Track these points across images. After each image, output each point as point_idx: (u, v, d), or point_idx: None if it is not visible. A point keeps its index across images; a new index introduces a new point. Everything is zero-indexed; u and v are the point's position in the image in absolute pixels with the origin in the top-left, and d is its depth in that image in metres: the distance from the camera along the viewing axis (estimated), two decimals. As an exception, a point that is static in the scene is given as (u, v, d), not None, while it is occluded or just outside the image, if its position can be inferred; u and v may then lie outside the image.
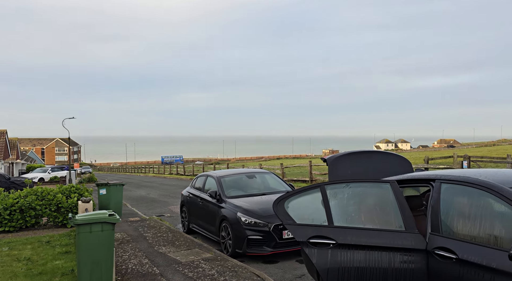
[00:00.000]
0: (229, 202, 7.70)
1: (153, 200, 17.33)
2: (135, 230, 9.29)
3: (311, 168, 19.39)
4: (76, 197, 9.86)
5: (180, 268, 6.16)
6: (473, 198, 3.06)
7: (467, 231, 2.99)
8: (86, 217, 4.75)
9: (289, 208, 3.73)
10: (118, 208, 11.40)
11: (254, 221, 6.93)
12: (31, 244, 7.81)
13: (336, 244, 3.44)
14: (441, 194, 3.31)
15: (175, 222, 11.04)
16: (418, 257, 3.22)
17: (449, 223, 3.16)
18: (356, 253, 3.37)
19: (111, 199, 11.26)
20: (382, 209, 3.65)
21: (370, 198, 3.77)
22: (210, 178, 8.98)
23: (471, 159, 14.67)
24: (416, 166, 14.90)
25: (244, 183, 8.74)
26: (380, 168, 4.97)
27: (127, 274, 5.90)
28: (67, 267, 6.16)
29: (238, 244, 6.99)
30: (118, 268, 6.19)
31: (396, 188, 3.57)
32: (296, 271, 6.16)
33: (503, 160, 13.39)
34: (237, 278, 5.54)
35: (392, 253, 3.29)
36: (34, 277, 5.74)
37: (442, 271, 3.03)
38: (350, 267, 3.36)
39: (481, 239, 2.87)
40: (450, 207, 3.23)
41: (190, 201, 9.40)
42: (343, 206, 3.70)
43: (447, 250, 3.03)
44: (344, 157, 5.02)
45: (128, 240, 8.23)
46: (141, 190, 22.71)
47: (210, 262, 6.38)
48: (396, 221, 3.44)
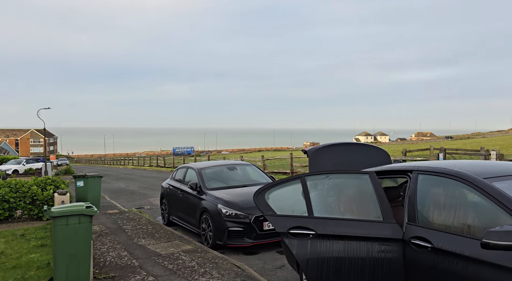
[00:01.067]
0: (210, 194, 7.67)
1: (132, 192, 17.11)
2: (113, 223, 9.14)
3: (292, 160, 19.51)
4: (52, 189, 9.62)
5: (159, 260, 6.11)
6: (448, 188, 3.13)
7: (442, 221, 3.06)
8: (62, 210, 4.63)
9: (270, 199, 3.73)
10: (96, 201, 11.20)
11: (235, 212, 6.93)
12: (5, 238, 7.58)
13: (315, 234, 3.47)
14: (418, 185, 3.38)
15: (155, 215, 10.93)
16: (395, 246, 3.28)
17: (425, 213, 3.23)
18: (335, 243, 3.41)
19: (89, 192, 11.04)
20: (361, 200, 3.70)
21: (349, 189, 3.82)
22: (190, 170, 8.91)
23: (446, 151, 15.07)
24: (394, 158, 15.21)
25: (225, 175, 8.71)
26: (359, 160, 5.04)
27: (105, 267, 5.81)
28: (43, 260, 6.01)
29: (218, 236, 6.98)
30: (96, 261, 6.09)
31: (374, 179, 3.61)
32: (277, 262, 6.21)
33: (476, 152, 13.81)
34: (217, 269, 5.54)
35: (370, 242, 3.34)
36: (8, 271, 5.58)
37: (418, 260, 3.10)
38: (329, 257, 3.40)
39: (456, 228, 2.94)
40: (426, 197, 3.30)
41: (170, 193, 9.31)
42: (323, 197, 3.73)
43: (423, 239, 3.10)
44: (324, 149, 5.06)
45: (107, 233, 8.10)
46: (120, 182, 22.38)
47: (190, 254, 6.36)
48: (374, 211, 3.50)
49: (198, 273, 5.43)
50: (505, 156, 15.61)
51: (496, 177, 3.01)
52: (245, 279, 5.14)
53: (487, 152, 12.83)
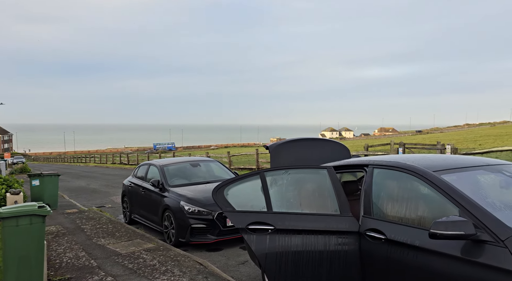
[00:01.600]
0: (172, 191, 7.54)
1: (93, 190, 16.55)
2: (72, 223, 8.80)
3: (258, 156, 19.59)
4: (4, 189, 9.11)
5: (119, 259, 5.94)
6: (401, 181, 3.24)
7: (395, 213, 3.17)
8: (11, 210, 4.39)
9: (229, 196, 3.71)
10: (53, 200, 10.73)
11: (197, 209, 6.86)
12: (-49, 242, 7.09)
13: (274, 229, 3.49)
14: (373, 179, 3.47)
15: (116, 213, 10.63)
16: (351, 239, 3.36)
17: (380, 205, 3.33)
18: (293, 238, 3.45)
19: (45, 191, 10.56)
20: (319, 194, 3.75)
21: (308, 184, 3.86)
22: (152, 167, 8.72)
23: (406, 146, 15.67)
24: (357, 153, 15.64)
25: (188, 171, 8.60)
26: (320, 155, 5.12)
27: (61, 268, 5.58)
28: (-8, 264, 5.68)
29: (181, 233, 6.89)
30: (51, 263, 5.83)
31: (332, 173, 3.68)
32: (240, 258, 6.21)
33: (433, 147, 14.44)
34: (179, 267, 5.47)
35: (327, 236, 3.40)
36: (-47, 277, 5.22)
37: (373, 251, 3.19)
38: (288, 252, 3.43)
39: (407, 220, 3.05)
40: (381, 190, 3.39)
41: (131, 190, 9.08)
42: (282, 192, 3.75)
43: (377, 231, 3.19)
44: (286, 145, 5.10)
45: (64, 233, 7.78)
46: (81, 181, 21.58)
47: (152, 253, 6.23)
48: (332, 205, 3.56)
49: (159, 271, 5.33)
50: (459, 150, 16.46)
51: (445, 170, 3.15)
52: (207, 276, 5.10)
53: (442, 146, 13.45)
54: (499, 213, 2.66)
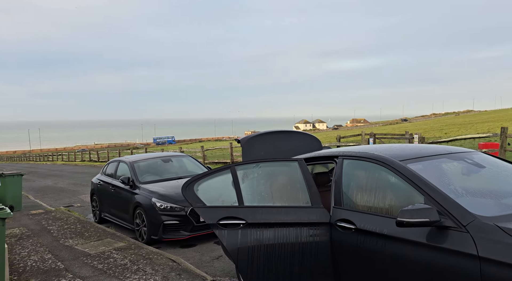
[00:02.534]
0: (143, 187, 7.36)
1: (61, 189, 15.97)
2: (37, 224, 8.44)
3: (232, 150, 19.50)
4: (-37, 191, 8.60)
5: (88, 260, 5.74)
6: (370, 171, 3.27)
7: (364, 203, 3.19)
8: (-33, 214, 4.12)
9: (199, 191, 3.62)
10: (17, 201, 10.25)
11: (170, 206, 6.73)
12: None
13: (246, 223, 3.44)
14: (343, 169, 3.48)
15: (86, 212, 10.29)
16: (322, 230, 3.36)
17: (350, 196, 3.34)
18: (265, 231, 3.41)
19: (8, 192, 10.06)
20: (291, 187, 3.73)
21: (279, 177, 3.83)
22: (122, 163, 8.48)
23: (376, 136, 16.01)
24: (330, 145, 15.84)
25: (159, 167, 8.42)
26: (292, 147, 5.11)
27: (25, 272, 5.33)
28: (-50, 271, 5.35)
29: (153, 231, 6.74)
30: (14, 267, 5.56)
31: (303, 166, 3.66)
32: (214, 253, 6.15)
33: (402, 136, 14.82)
34: (151, 265, 5.34)
35: (299, 228, 3.39)
36: None
37: (343, 241, 3.21)
38: (260, 245, 3.40)
39: (376, 209, 3.08)
40: (350, 181, 3.41)
41: (101, 188, 8.80)
42: (253, 186, 3.71)
43: (347, 222, 3.20)
44: (257, 138, 5.05)
45: (29, 235, 7.45)
46: (48, 180, 20.80)
47: (123, 251, 6.06)
48: (303, 197, 3.55)
49: (130, 270, 5.19)
50: (426, 139, 16.98)
51: (411, 159, 3.19)
52: (181, 273, 5.01)
53: (411, 135, 13.82)
54: (461, 199, 2.72)
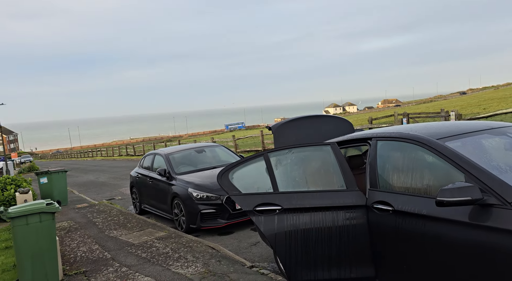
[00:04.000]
0: (179, 178, 7.56)
1: (102, 184, 16.69)
2: (83, 217, 8.90)
3: (263, 137, 19.56)
4: (13, 188, 9.20)
5: (132, 250, 6.02)
6: (405, 152, 3.20)
7: (401, 184, 3.14)
8: (20, 209, 4.42)
9: (234, 179, 3.69)
10: (63, 196, 10.84)
11: (206, 195, 6.89)
12: (-33, 244, 7.23)
13: (281, 209, 3.48)
14: (377, 151, 3.43)
15: (126, 205, 10.73)
16: (359, 213, 3.35)
17: (386, 177, 3.30)
18: (301, 216, 3.44)
19: (54, 187, 10.65)
20: (324, 171, 3.73)
21: (312, 162, 3.83)
22: (158, 156, 8.73)
23: (409, 116, 15.53)
24: (362, 127, 15.54)
25: (193, 158, 8.60)
26: (323, 132, 5.07)
27: (76, 263, 5.66)
28: (8, 263, 5.78)
29: (191, 220, 6.94)
30: (66, 258, 5.92)
31: (336, 149, 3.64)
32: (251, 239, 6.26)
33: (437, 115, 14.29)
34: (192, 253, 5.53)
35: (335, 212, 3.39)
36: (-28, 278, 5.34)
37: (381, 223, 3.18)
38: (297, 230, 3.44)
39: (414, 189, 3.02)
40: (385, 162, 3.36)
41: (139, 181, 9.12)
42: (287, 172, 3.73)
43: (384, 203, 3.17)
44: (288, 124, 5.05)
45: (76, 228, 7.88)
46: (89, 175, 21.77)
47: (164, 241, 6.30)
48: (338, 181, 3.54)
49: (172, 258, 5.40)
50: (463, 116, 16.29)
51: (449, 136, 3.09)
52: (220, 259, 5.15)
53: (446, 113, 13.30)
54: (505, 175, 2.62)
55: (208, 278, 4.56)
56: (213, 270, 4.81)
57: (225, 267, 4.85)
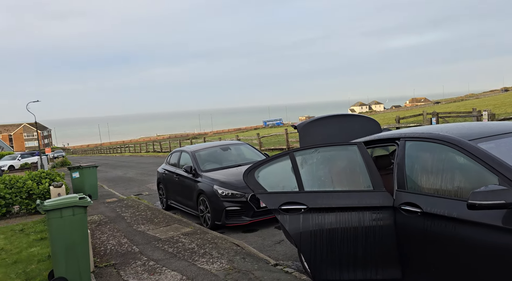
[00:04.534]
0: (205, 175, 7.68)
1: (130, 179, 17.15)
2: (112, 211, 9.19)
3: (288, 136, 19.53)
4: (48, 182, 9.60)
5: (159, 244, 6.17)
6: (435, 152, 3.13)
7: (430, 185, 3.08)
8: (55, 202, 4.62)
9: (260, 178, 3.72)
10: (93, 190, 11.22)
11: (231, 192, 6.96)
12: (4, 234, 7.62)
13: (307, 208, 3.49)
14: (406, 152, 3.37)
15: (153, 200, 10.99)
16: (386, 214, 3.30)
17: (414, 178, 3.24)
18: (327, 216, 3.43)
19: (86, 182, 11.05)
20: (350, 171, 3.70)
21: (338, 161, 3.81)
22: (184, 153, 8.89)
23: (439, 115, 15.09)
24: (389, 127, 15.25)
25: (219, 155, 8.71)
26: (349, 131, 5.02)
27: (106, 255, 5.87)
28: (43, 253, 6.06)
29: (216, 216, 7.04)
30: (96, 250, 6.14)
31: (363, 149, 3.60)
32: (275, 238, 6.29)
33: (469, 114, 13.83)
34: (217, 249, 5.61)
35: (361, 212, 3.36)
36: (9, 266, 5.63)
37: (409, 225, 3.13)
38: (322, 230, 3.43)
39: (443, 191, 2.96)
40: (414, 163, 3.30)
41: (166, 177, 9.32)
42: (312, 171, 3.73)
43: (412, 205, 3.12)
44: (314, 123, 5.03)
45: (106, 222, 8.15)
46: (118, 170, 22.39)
47: (190, 236, 6.42)
48: (364, 181, 3.50)
49: (198, 254, 5.50)
50: (497, 116, 15.67)
51: (481, 138, 3.01)
52: (244, 256, 5.21)
53: (478, 113, 12.85)
54: None
55: (232, 275, 4.63)
56: (238, 266, 4.87)
57: (249, 264, 4.90)
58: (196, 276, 4.72)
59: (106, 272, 5.17)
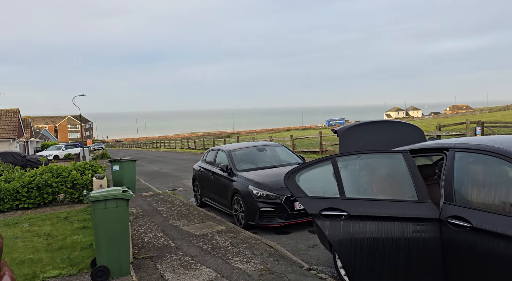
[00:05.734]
0: (241, 175, 7.75)
1: (165, 174, 17.59)
2: (149, 205, 9.47)
3: (321, 139, 19.33)
4: (90, 173, 10.04)
5: (194, 240, 6.29)
6: (488, 166, 3.01)
7: (481, 200, 2.96)
8: (100, 194, 4.83)
9: (300, 181, 3.72)
10: (131, 184, 11.60)
11: (265, 193, 6.99)
12: (50, 220, 8.04)
13: (348, 215, 3.44)
14: (455, 163, 3.26)
15: (188, 196, 11.21)
16: (431, 226, 3.21)
17: (463, 192, 3.12)
18: (368, 224, 3.38)
19: (124, 175, 11.45)
20: (394, 180, 3.62)
21: (382, 169, 3.74)
22: (220, 152, 9.01)
23: (484, 124, 14.41)
24: (428, 135, 14.72)
25: (254, 156, 8.76)
26: (391, 138, 4.91)
27: (143, 247, 6.06)
28: (86, 241, 6.35)
29: (250, 217, 7.09)
30: (134, 242, 6.36)
31: (408, 158, 3.52)
32: (309, 241, 6.25)
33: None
34: (250, 249, 5.65)
35: (404, 223, 3.28)
36: (55, 251, 5.94)
37: (456, 239, 3.02)
38: (363, 238, 3.38)
39: (496, 207, 2.83)
40: (464, 175, 3.18)
41: (201, 175, 9.49)
42: (354, 178, 3.68)
43: (461, 219, 3.01)
44: (355, 128, 4.96)
45: (143, 215, 8.41)
46: (154, 165, 23.03)
47: (223, 234, 6.50)
48: (408, 191, 3.42)
49: (232, 253, 5.56)
50: (549, 128, 14.74)
51: None
52: (278, 258, 5.21)
53: (529, 124, 12.15)
54: None
55: (266, 276, 4.65)
56: (272, 268, 4.88)
57: (283, 267, 4.90)
58: (231, 274, 4.78)
59: (143, 264, 5.34)
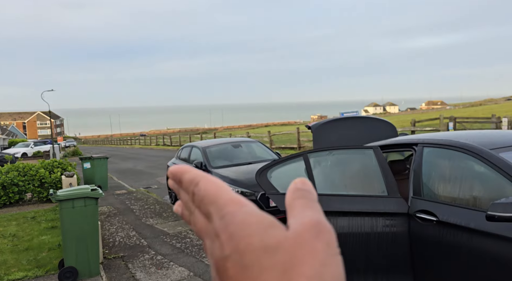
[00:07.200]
0: (215, 172, 7.66)
1: (140, 172, 17.26)
2: (121, 203, 9.25)
3: (299, 135, 19.44)
4: (60, 171, 9.71)
5: (167, 239, 6.18)
6: (455, 161, 3.06)
7: (448, 194, 3.00)
8: (67, 193, 4.66)
9: (272, 178, 3.69)
10: (103, 182, 11.31)
11: (240, 190, 6.93)
12: (16, 220, 7.73)
13: (319, 211, 3.44)
14: (423, 158, 3.30)
15: (162, 194, 11.03)
16: (400, 220, 3.24)
17: (431, 186, 3.17)
18: (339, 220, 3.38)
19: (96, 173, 11.14)
20: (365, 175, 3.64)
21: (353, 165, 3.75)
22: (195, 148, 8.89)
23: (456, 120, 14.85)
24: (403, 130, 15.05)
25: (229, 152, 8.69)
26: (365, 134, 4.95)
27: (114, 247, 5.90)
28: (54, 242, 6.13)
29: (225, 213, 7.02)
30: (105, 242, 6.18)
31: (379, 153, 3.53)
32: (283, 237, 6.26)
33: (488, 120, 13.59)
34: (224, 246, 5.60)
35: (374, 218, 3.30)
36: (21, 253, 5.70)
37: (423, 233, 3.07)
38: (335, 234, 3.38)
39: (461, 200, 2.88)
40: (432, 170, 3.22)
41: (176, 172, 9.34)
42: (326, 174, 3.68)
43: (428, 213, 3.05)
44: (329, 124, 4.97)
45: (115, 213, 8.21)
46: (128, 162, 22.57)
47: (198, 232, 6.42)
48: (379, 186, 3.44)
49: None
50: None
51: (504, 147, 2.92)
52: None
53: (498, 119, 12.61)
54: None
55: (240, 273, 4.61)
56: (245, 265, 4.85)
57: (257, 264, 4.88)
58: (204, 273, 4.72)
59: (114, 264, 5.20)
